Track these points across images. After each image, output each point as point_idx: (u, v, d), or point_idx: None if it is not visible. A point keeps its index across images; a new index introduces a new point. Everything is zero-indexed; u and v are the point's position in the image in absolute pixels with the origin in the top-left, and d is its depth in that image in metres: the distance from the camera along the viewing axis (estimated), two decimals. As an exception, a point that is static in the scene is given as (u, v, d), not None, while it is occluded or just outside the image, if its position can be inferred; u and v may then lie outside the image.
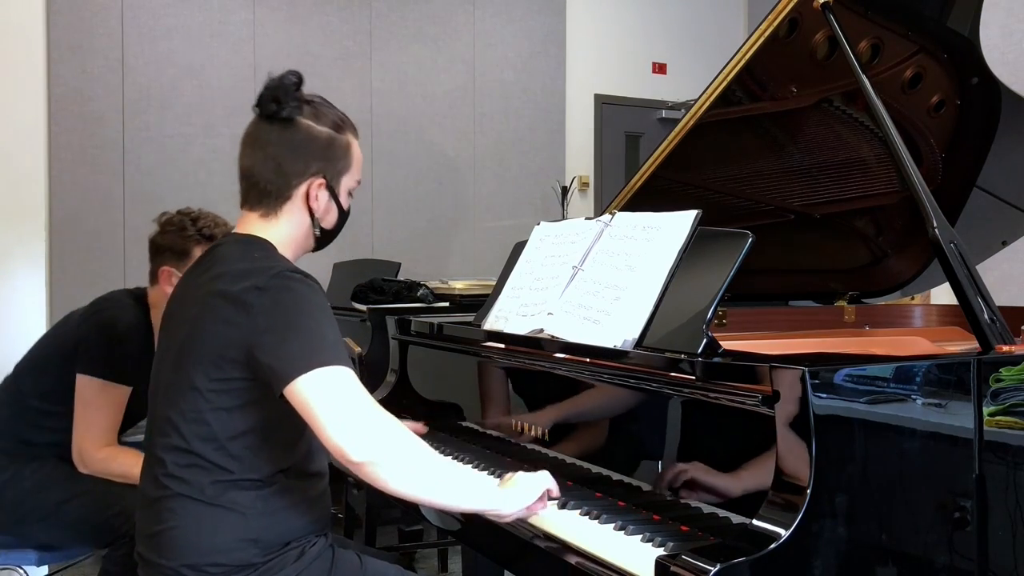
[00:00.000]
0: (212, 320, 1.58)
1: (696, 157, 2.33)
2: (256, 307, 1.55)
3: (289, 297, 1.56)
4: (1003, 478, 1.51)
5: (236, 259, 1.65)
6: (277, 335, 1.53)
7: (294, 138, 1.69)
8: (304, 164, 1.70)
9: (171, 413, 1.60)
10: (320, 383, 1.51)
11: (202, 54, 4.87)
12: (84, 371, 2.35)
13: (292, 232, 1.73)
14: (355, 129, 1.79)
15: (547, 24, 6.05)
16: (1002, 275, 3.49)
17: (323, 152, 1.71)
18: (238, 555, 1.58)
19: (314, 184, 1.71)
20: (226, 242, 1.73)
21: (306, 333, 1.54)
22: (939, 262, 1.78)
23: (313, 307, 1.57)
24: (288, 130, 1.69)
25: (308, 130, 1.70)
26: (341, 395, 1.52)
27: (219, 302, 1.58)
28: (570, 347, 1.82)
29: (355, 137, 1.78)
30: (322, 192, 1.72)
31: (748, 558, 1.27)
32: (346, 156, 1.75)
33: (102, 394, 2.36)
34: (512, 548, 1.68)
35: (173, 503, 1.59)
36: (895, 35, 2.22)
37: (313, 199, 1.71)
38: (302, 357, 1.52)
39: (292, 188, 1.70)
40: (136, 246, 4.69)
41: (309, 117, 1.70)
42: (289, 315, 1.55)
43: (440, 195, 5.62)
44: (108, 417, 2.39)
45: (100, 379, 2.35)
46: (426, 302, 3.55)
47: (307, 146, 1.70)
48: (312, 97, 1.74)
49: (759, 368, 1.41)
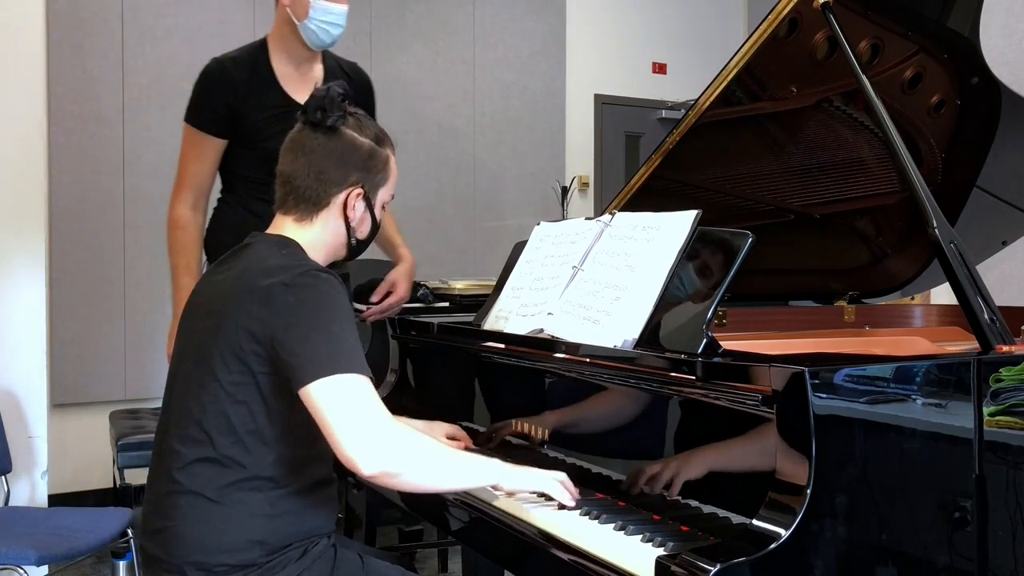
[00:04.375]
0: (237, 313, 1.59)
1: (696, 157, 2.33)
2: (281, 303, 1.57)
3: (314, 296, 1.58)
4: (1003, 478, 1.51)
5: (265, 256, 1.67)
6: (300, 334, 1.55)
7: (337, 147, 1.73)
8: (345, 173, 1.74)
9: (190, 404, 1.62)
10: (336, 390, 1.52)
11: (202, 54, 4.82)
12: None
13: (325, 238, 1.76)
14: (393, 145, 1.83)
15: (547, 24, 6.04)
16: (1002, 275, 3.49)
17: (364, 163, 1.75)
18: (243, 555, 1.59)
19: (352, 193, 1.75)
20: (255, 241, 1.76)
21: (327, 336, 1.55)
22: (939, 262, 1.78)
23: (337, 310, 1.59)
24: (332, 139, 1.73)
25: (352, 140, 1.74)
26: (354, 405, 1.53)
27: (246, 296, 1.60)
28: (570, 347, 1.82)
29: (393, 152, 1.82)
30: (360, 202, 1.76)
31: (748, 558, 1.27)
32: (384, 169, 1.79)
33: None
34: (512, 548, 1.68)
35: (182, 500, 1.60)
36: (895, 35, 2.22)
37: (350, 208, 1.75)
38: (322, 360, 1.53)
39: (331, 196, 1.74)
40: (136, 246, 4.69)
41: (353, 128, 1.75)
42: (313, 315, 1.56)
43: (440, 195, 5.62)
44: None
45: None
46: (426, 302, 3.54)
47: (349, 156, 1.74)
48: (356, 110, 1.79)
49: (759, 368, 1.41)
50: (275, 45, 2.55)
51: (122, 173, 4.67)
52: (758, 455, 1.41)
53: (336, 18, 2.47)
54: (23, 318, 3.47)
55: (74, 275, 4.53)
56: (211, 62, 2.56)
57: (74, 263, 4.54)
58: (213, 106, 2.50)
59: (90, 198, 4.58)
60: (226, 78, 2.50)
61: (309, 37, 2.47)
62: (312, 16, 2.43)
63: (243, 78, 2.48)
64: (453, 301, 3.60)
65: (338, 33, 2.49)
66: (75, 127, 4.55)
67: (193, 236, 2.54)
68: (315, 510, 1.68)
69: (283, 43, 2.52)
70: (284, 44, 2.52)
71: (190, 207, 2.54)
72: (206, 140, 2.51)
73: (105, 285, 4.62)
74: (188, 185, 2.55)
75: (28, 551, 2.46)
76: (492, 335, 2.10)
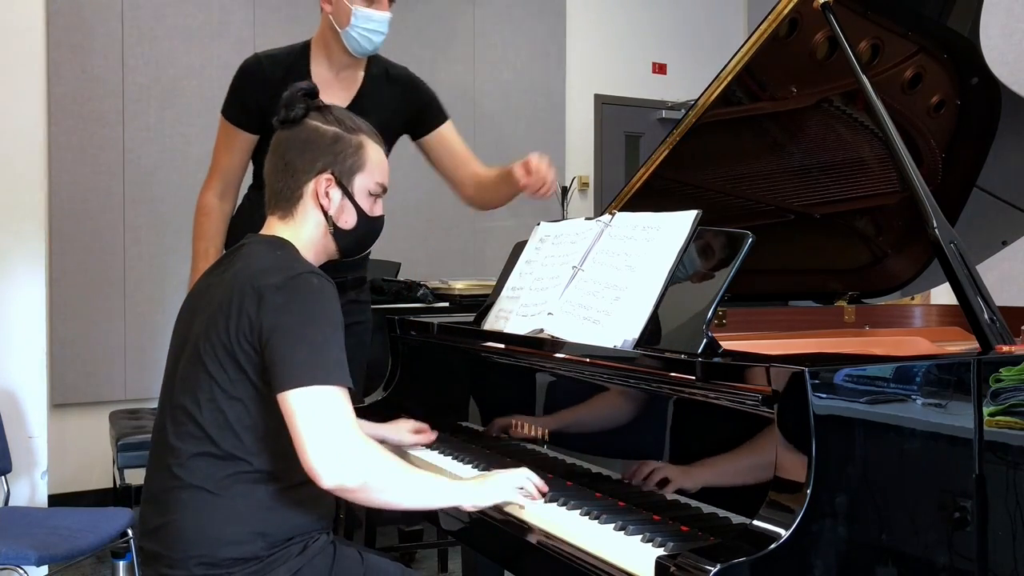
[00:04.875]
0: (231, 313, 1.60)
1: (696, 157, 2.33)
2: (271, 305, 1.58)
3: (303, 301, 1.59)
4: (1003, 478, 1.51)
5: (259, 256, 1.69)
6: (285, 339, 1.56)
7: (300, 136, 1.75)
8: (311, 160, 1.75)
9: (187, 402, 1.63)
10: (309, 401, 1.54)
11: (202, 54, 4.87)
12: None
13: (310, 233, 1.77)
14: (374, 134, 1.83)
15: (547, 24, 6.04)
16: (1002, 275, 3.49)
17: (329, 148, 1.75)
18: (245, 548, 1.60)
19: (321, 180, 1.75)
20: (250, 242, 1.77)
21: (311, 344, 1.56)
22: (939, 262, 1.78)
23: (324, 317, 1.60)
24: (295, 130, 1.76)
25: (314, 129, 1.76)
26: (324, 418, 1.54)
27: (239, 296, 1.61)
28: (570, 347, 1.82)
29: (372, 140, 1.82)
30: (333, 190, 1.76)
31: (748, 558, 1.27)
32: (357, 154, 1.78)
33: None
34: (512, 548, 1.68)
35: (183, 494, 1.61)
36: (895, 35, 2.22)
37: (323, 196, 1.75)
38: (302, 368, 1.54)
39: (301, 186, 1.75)
40: (136, 246, 4.69)
41: (315, 118, 1.77)
42: (300, 321, 1.57)
43: (440, 195, 5.58)
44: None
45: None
46: (426, 302, 3.55)
47: (312, 143, 1.75)
48: (325, 104, 1.81)
49: (759, 368, 1.41)
50: (317, 49, 2.53)
51: (122, 173, 4.67)
52: (758, 455, 1.41)
53: (378, 25, 2.43)
54: (23, 318, 3.47)
55: (74, 275, 4.54)
56: (250, 58, 2.55)
57: (74, 263, 4.54)
58: (245, 102, 2.51)
59: (90, 198, 4.59)
60: (261, 76, 2.49)
61: (351, 44, 2.44)
62: (354, 23, 2.41)
63: (278, 77, 2.45)
64: (453, 301, 3.61)
65: (380, 40, 2.46)
66: (75, 127, 4.55)
67: (216, 224, 2.57)
68: (314, 503, 1.69)
69: (325, 48, 2.51)
70: (326, 49, 2.51)
71: (218, 195, 2.57)
72: (237, 134, 2.53)
73: (105, 285, 4.62)
74: (218, 174, 2.58)
75: (28, 551, 2.46)
76: (492, 335, 2.10)
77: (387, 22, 2.45)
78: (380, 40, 2.46)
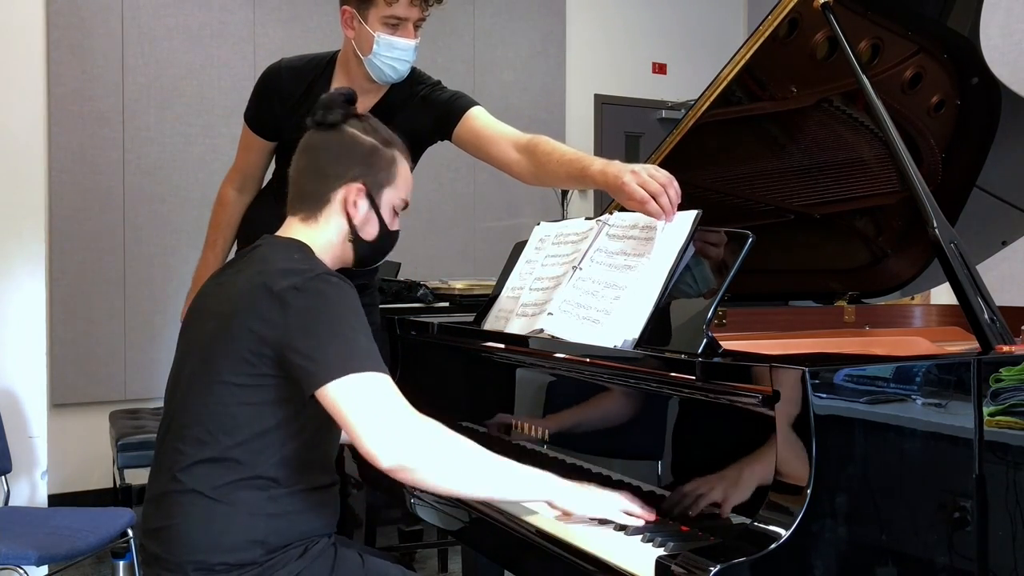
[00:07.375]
0: (248, 316, 1.59)
1: (696, 157, 2.32)
2: (293, 307, 1.56)
3: (325, 300, 1.58)
4: (1003, 478, 1.51)
5: (276, 259, 1.67)
6: (312, 338, 1.55)
7: (338, 142, 1.76)
8: (344, 168, 1.75)
9: (195, 406, 1.62)
10: (352, 389, 1.53)
11: (202, 54, 4.87)
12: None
13: (329, 238, 1.76)
14: (406, 151, 1.84)
15: (547, 24, 6.04)
16: (1002, 275, 3.49)
17: (364, 159, 1.76)
18: (244, 554, 1.59)
19: (352, 189, 1.75)
20: (265, 243, 1.76)
21: (340, 338, 1.56)
22: (939, 262, 1.78)
23: (348, 311, 1.60)
24: (333, 136, 1.76)
25: (353, 137, 1.76)
26: (372, 400, 1.53)
27: (256, 299, 1.59)
28: (570, 347, 1.82)
29: (404, 156, 1.82)
30: (361, 200, 1.76)
31: (748, 558, 1.27)
32: (389, 168, 1.79)
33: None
34: (512, 548, 1.68)
35: (184, 499, 1.60)
36: (895, 35, 2.22)
37: (351, 205, 1.75)
38: (336, 362, 1.53)
39: (331, 191, 1.75)
40: (136, 246, 4.69)
41: (355, 127, 1.77)
42: (325, 318, 1.57)
43: (439, 195, 5.62)
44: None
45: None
46: (426, 302, 3.55)
47: (349, 151, 1.75)
48: (366, 115, 1.82)
49: (759, 368, 1.41)
50: (340, 69, 2.44)
51: (122, 173, 4.67)
52: (758, 455, 1.41)
53: (403, 53, 2.30)
54: (23, 318, 3.47)
55: (74, 275, 4.54)
56: (273, 65, 2.48)
57: (74, 263, 4.54)
58: (259, 110, 2.49)
59: (90, 198, 4.59)
60: (279, 88, 2.44)
61: (375, 72, 2.33)
62: (376, 51, 2.28)
63: (296, 93, 2.40)
64: (453, 301, 3.60)
65: (405, 69, 2.35)
66: (75, 127, 4.55)
67: (232, 216, 2.59)
68: (316, 511, 1.68)
69: (347, 71, 2.41)
70: (348, 73, 2.41)
71: (237, 188, 2.59)
72: (255, 138, 2.53)
73: (105, 285, 4.62)
74: (238, 169, 2.60)
75: (28, 551, 2.47)
76: (492, 335, 2.10)
77: (413, 50, 2.32)
78: (405, 69, 2.35)
